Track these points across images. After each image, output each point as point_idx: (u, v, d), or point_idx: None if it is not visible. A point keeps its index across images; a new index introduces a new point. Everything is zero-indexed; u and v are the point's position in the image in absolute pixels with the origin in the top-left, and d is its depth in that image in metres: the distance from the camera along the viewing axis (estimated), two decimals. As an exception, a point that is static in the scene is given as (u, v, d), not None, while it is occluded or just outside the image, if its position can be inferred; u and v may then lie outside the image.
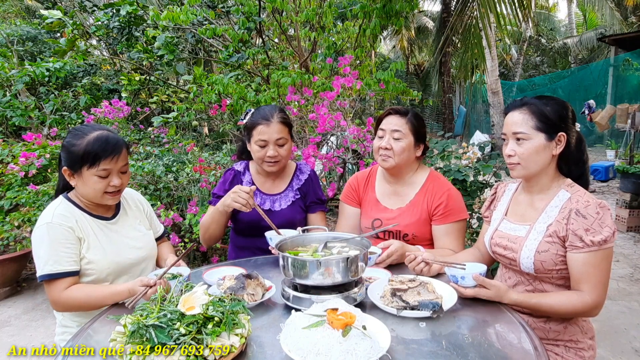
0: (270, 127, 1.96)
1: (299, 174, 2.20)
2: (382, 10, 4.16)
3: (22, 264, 4.12)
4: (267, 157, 1.98)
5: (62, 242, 1.54)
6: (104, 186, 1.60)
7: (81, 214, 1.65)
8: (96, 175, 1.57)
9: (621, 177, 5.67)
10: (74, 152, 1.57)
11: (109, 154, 1.57)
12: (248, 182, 2.14)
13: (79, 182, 1.61)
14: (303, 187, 2.17)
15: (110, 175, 1.60)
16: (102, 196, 1.62)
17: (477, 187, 2.96)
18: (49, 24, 5.64)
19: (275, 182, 2.16)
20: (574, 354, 1.53)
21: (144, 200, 1.94)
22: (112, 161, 1.58)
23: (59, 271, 1.52)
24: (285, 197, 2.13)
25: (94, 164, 1.56)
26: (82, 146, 1.56)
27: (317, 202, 2.19)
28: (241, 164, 2.21)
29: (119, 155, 1.60)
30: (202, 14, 4.84)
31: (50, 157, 4.06)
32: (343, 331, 1.04)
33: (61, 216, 1.59)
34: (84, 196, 1.66)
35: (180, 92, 7.38)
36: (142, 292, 1.39)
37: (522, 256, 1.51)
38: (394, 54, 22.30)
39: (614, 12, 15.62)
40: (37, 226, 1.57)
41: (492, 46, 10.96)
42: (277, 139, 1.97)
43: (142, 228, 1.84)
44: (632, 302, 3.54)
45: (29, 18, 11.56)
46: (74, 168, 1.59)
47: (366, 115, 6.00)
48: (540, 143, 1.48)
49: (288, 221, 2.04)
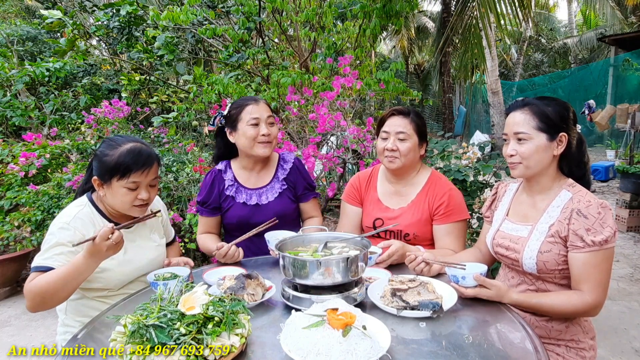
0: (259, 105, 2.00)
1: (283, 164, 2.16)
2: (382, 10, 4.16)
3: (22, 264, 4.12)
4: (261, 135, 1.97)
5: (66, 244, 1.54)
6: (132, 199, 1.59)
7: (101, 220, 1.65)
8: (125, 187, 1.57)
9: (621, 177, 5.67)
10: (106, 162, 1.57)
11: (140, 166, 1.56)
12: (230, 179, 2.11)
13: (108, 192, 1.60)
14: (290, 177, 2.14)
15: (139, 188, 1.60)
16: (130, 209, 1.62)
17: (477, 187, 2.96)
18: (49, 24, 5.64)
19: (259, 174, 2.13)
20: (575, 354, 1.53)
21: (163, 206, 1.94)
22: (142, 174, 1.58)
23: (46, 265, 1.48)
24: (271, 189, 2.10)
25: (124, 176, 1.55)
26: (114, 157, 1.56)
27: (308, 189, 2.18)
28: (222, 163, 2.17)
29: (150, 169, 1.60)
30: (202, 14, 4.84)
31: (50, 157, 4.05)
32: (343, 331, 1.04)
33: (80, 220, 1.59)
34: (111, 206, 1.65)
35: (180, 92, 7.37)
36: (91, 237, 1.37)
37: (525, 256, 1.52)
38: (394, 53, 22.29)
39: (614, 11, 15.61)
40: (55, 223, 1.57)
41: (492, 46, 10.97)
42: (268, 116, 2.00)
43: (157, 237, 1.83)
44: (632, 302, 3.54)
45: (29, 18, 11.56)
46: (104, 178, 1.59)
47: (366, 115, 6.00)
48: (541, 143, 1.48)
49: (278, 213, 2.00)
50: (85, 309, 1.66)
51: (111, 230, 1.39)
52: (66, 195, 3.62)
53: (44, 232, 3.57)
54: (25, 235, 3.72)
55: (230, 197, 2.09)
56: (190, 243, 3.26)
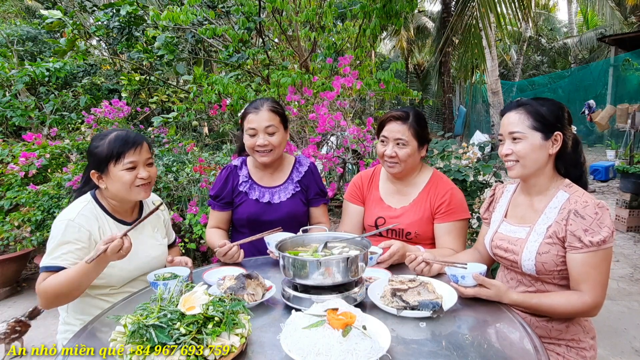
0: (258, 114, 1.98)
1: (299, 167, 2.18)
2: (382, 10, 4.16)
3: (22, 264, 4.12)
4: (257, 145, 1.98)
5: (73, 242, 1.55)
6: (132, 179, 1.62)
7: (105, 217, 1.67)
8: (123, 169, 1.61)
9: (621, 177, 5.67)
10: (98, 152, 1.61)
11: (131, 146, 1.62)
12: (245, 176, 2.12)
13: (108, 181, 1.64)
14: (304, 180, 2.15)
15: (137, 167, 1.64)
16: (132, 189, 1.64)
17: (477, 187, 2.96)
18: (49, 24, 5.64)
19: (273, 175, 2.15)
20: (575, 354, 1.53)
21: (165, 207, 1.96)
22: (135, 152, 1.62)
23: (56, 265, 1.52)
24: (284, 189, 2.12)
25: (119, 159, 1.60)
26: (104, 145, 1.61)
27: (320, 195, 2.19)
28: (239, 159, 2.19)
29: (141, 147, 1.64)
30: (202, 14, 4.84)
31: (50, 157, 4.05)
32: (343, 331, 1.04)
33: (84, 217, 1.61)
34: (115, 195, 1.67)
35: (180, 92, 7.38)
36: (102, 250, 1.40)
37: (523, 258, 1.52)
38: (393, 53, 22.30)
39: (614, 11, 15.62)
40: (59, 219, 1.59)
41: (492, 46, 10.97)
42: (267, 126, 1.97)
43: (159, 236, 1.85)
44: (632, 302, 3.54)
45: (29, 18, 11.56)
46: (101, 169, 1.62)
47: (366, 115, 5.99)
48: (536, 142, 1.49)
49: (289, 213, 2.03)
50: (87, 307, 1.66)
51: (121, 243, 1.42)
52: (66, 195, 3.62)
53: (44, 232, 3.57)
54: (25, 235, 3.72)
55: (243, 193, 2.10)
56: (190, 243, 3.26)
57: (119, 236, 1.43)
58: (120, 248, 1.43)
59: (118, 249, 1.42)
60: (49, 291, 1.47)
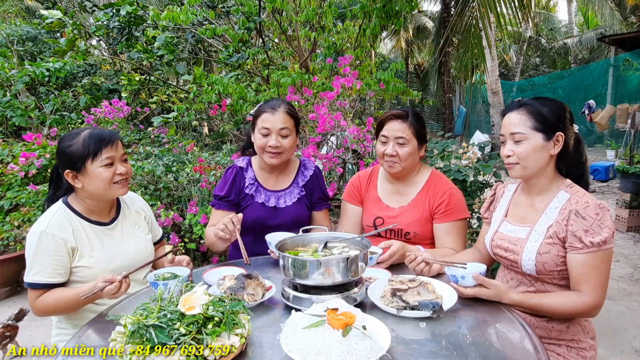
0: (275, 115, 1.94)
1: (304, 170, 2.16)
2: (382, 10, 4.16)
3: (22, 264, 4.08)
4: (268, 146, 1.95)
5: (51, 252, 1.55)
6: (110, 174, 1.61)
7: (78, 221, 1.64)
8: (101, 165, 1.59)
9: (621, 177, 5.66)
10: (73, 151, 1.58)
11: (107, 142, 1.60)
12: (251, 178, 2.09)
13: (85, 180, 1.61)
14: (309, 184, 2.13)
15: (115, 163, 1.63)
16: (111, 187, 1.63)
17: (477, 187, 2.96)
18: (49, 24, 5.65)
19: (279, 178, 2.12)
20: (575, 354, 1.53)
21: (146, 205, 1.94)
22: (112, 148, 1.61)
23: (39, 282, 1.54)
24: (290, 193, 2.09)
25: (96, 155, 1.58)
26: (79, 143, 1.58)
27: (323, 199, 2.17)
28: (243, 160, 2.15)
29: (116, 143, 1.64)
30: (202, 14, 4.84)
31: (50, 157, 4.05)
32: (343, 331, 1.04)
33: (56, 225, 1.58)
34: (91, 194, 1.65)
35: (180, 92, 7.38)
36: (99, 287, 1.42)
37: (524, 258, 1.51)
38: (393, 53, 22.30)
39: (614, 12, 15.61)
40: (32, 232, 1.57)
41: (492, 46, 10.97)
42: (281, 128, 1.94)
43: (141, 233, 1.83)
44: (632, 302, 3.54)
45: (29, 18, 11.56)
46: (77, 167, 1.59)
47: (366, 115, 5.99)
48: (538, 143, 1.48)
49: (294, 218, 2.02)
50: (80, 311, 1.65)
51: (118, 287, 1.43)
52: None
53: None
54: (25, 235, 3.72)
55: (249, 196, 2.07)
56: (190, 243, 3.26)
57: (118, 279, 1.43)
58: (117, 291, 1.44)
59: (114, 292, 1.43)
60: (46, 310, 1.57)
